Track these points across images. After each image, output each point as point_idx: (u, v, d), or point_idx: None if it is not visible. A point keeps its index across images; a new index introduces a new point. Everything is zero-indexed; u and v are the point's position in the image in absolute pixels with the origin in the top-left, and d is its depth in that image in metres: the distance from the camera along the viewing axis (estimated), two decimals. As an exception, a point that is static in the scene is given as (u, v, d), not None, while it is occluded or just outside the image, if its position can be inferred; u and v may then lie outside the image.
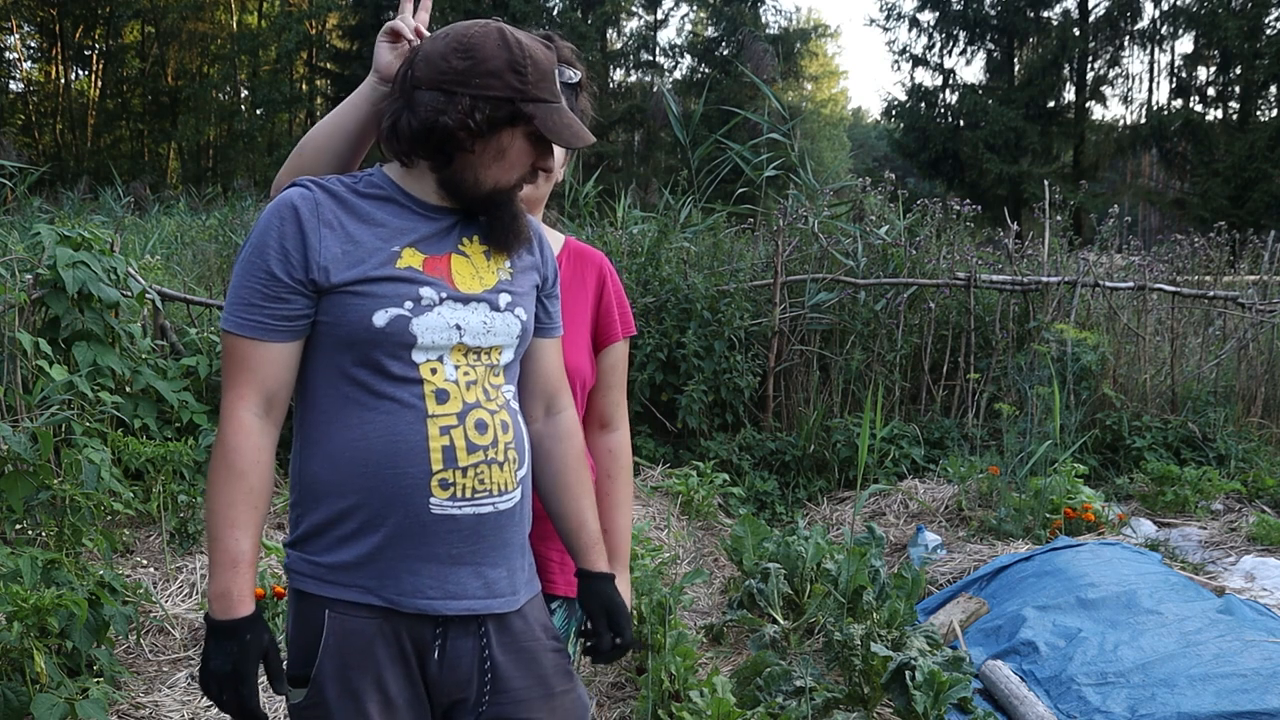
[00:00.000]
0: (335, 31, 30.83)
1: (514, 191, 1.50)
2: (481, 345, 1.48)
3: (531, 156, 1.48)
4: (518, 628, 1.52)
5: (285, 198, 1.43)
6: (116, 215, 9.84)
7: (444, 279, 1.46)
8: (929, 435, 6.15)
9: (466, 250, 1.51)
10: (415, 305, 1.42)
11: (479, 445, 1.44)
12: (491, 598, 1.47)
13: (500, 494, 1.46)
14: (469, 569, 1.45)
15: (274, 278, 1.39)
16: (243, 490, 1.39)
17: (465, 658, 1.47)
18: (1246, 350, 7.05)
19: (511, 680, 1.50)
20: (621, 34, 31.09)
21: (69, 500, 3.34)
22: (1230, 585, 4.00)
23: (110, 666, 3.01)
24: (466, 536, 1.44)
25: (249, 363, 1.41)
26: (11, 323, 3.95)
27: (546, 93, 1.44)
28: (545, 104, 1.43)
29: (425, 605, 1.43)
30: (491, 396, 1.48)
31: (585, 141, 1.48)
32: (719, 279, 6.24)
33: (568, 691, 1.56)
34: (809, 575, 3.86)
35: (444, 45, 1.43)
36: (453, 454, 1.42)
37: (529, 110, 1.42)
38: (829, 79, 42.01)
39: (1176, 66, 26.36)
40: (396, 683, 1.45)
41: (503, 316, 1.50)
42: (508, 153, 1.45)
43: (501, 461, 1.46)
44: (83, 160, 28.09)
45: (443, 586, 1.44)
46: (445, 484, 1.42)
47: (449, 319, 1.45)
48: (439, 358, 1.44)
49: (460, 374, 1.45)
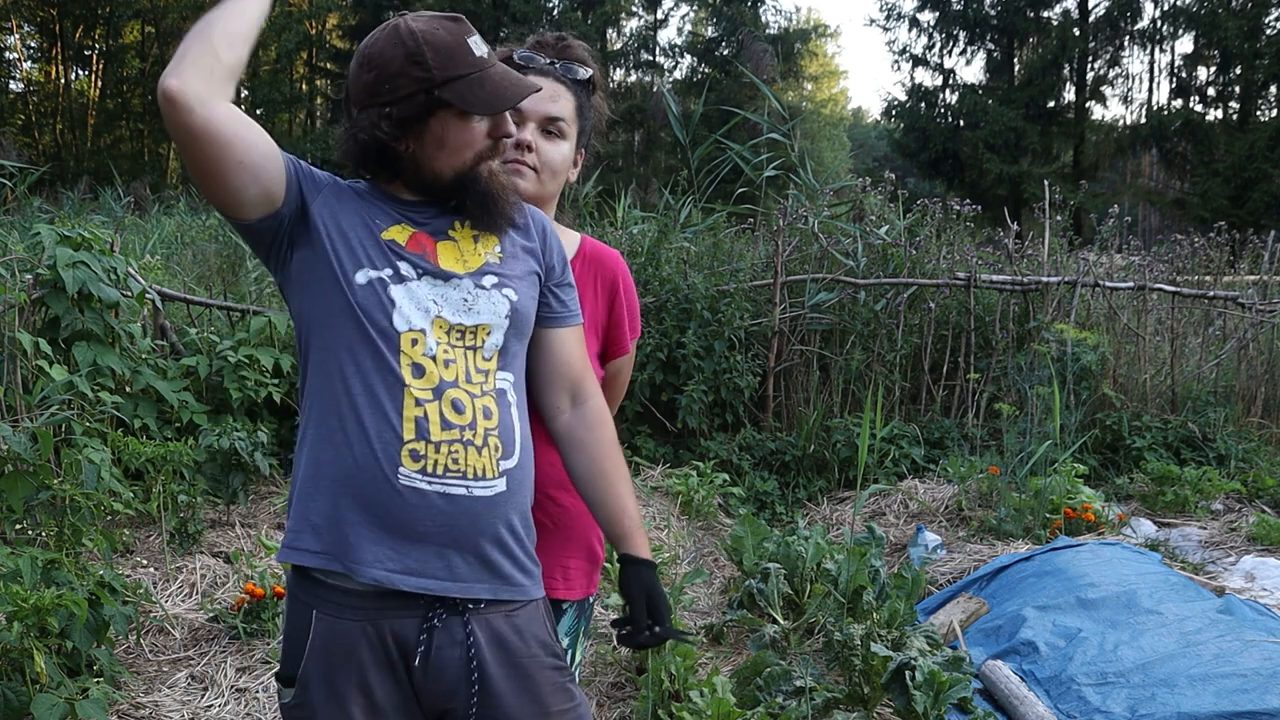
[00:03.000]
0: (335, 31, 30.83)
1: (477, 171, 1.47)
2: (464, 323, 1.46)
3: (476, 132, 1.46)
4: (511, 643, 1.48)
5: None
6: (116, 215, 9.82)
7: (425, 256, 1.47)
8: (929, 435, 6.15)
9: (455, 235, 1.52)
10: (394, 274, 1.44)
11: (454, 424, 1.42)
12: (452, 581, 1.42)
13: (476, 478, 1.43)
14: (432, 549, 1.42)
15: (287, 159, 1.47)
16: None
17: (451, 665, 1.44)
18: (1246, 350, 7.04)
19: (504, 698, 1.46)
20: (621, 34, 31.11)
21: (69, 500, 3.34)
22: (1230, 585, 4.00)
23: (110, 666, 3.01)
24: (435, 515, 1.41)
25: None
26: (11, 323, 3.95)
27: (456, 69, 1.43)
28: (459, 80, 1.43)
29: (382, 576, 1.39)
30: (475, 380, 1.46)
31: (515, 98, 1.45)
32: (719, 279, 6.24)
33: (566, 711, 1.51)
34: (809, 575, 3.86)
35: (355, 64, 1.48)
36: (425, 427, 1.41)
37: (441, 95, 1.42)
38: (829, 79, 41.99)
39: (1176, 66, 26.36)
40: (383, 687, 1.43)
41: (487, 294, 1.48)
42: (447, 138, 1.45)
43: (480, 445, 1.43)
44: (83, 160, 28.06)
45: (401, 560, 1.40)
46: (416, 455, 1.40)
47: (428, 293, 1.45)
48: (421, 329, 1.44)
49: (440, 350, 1.44)
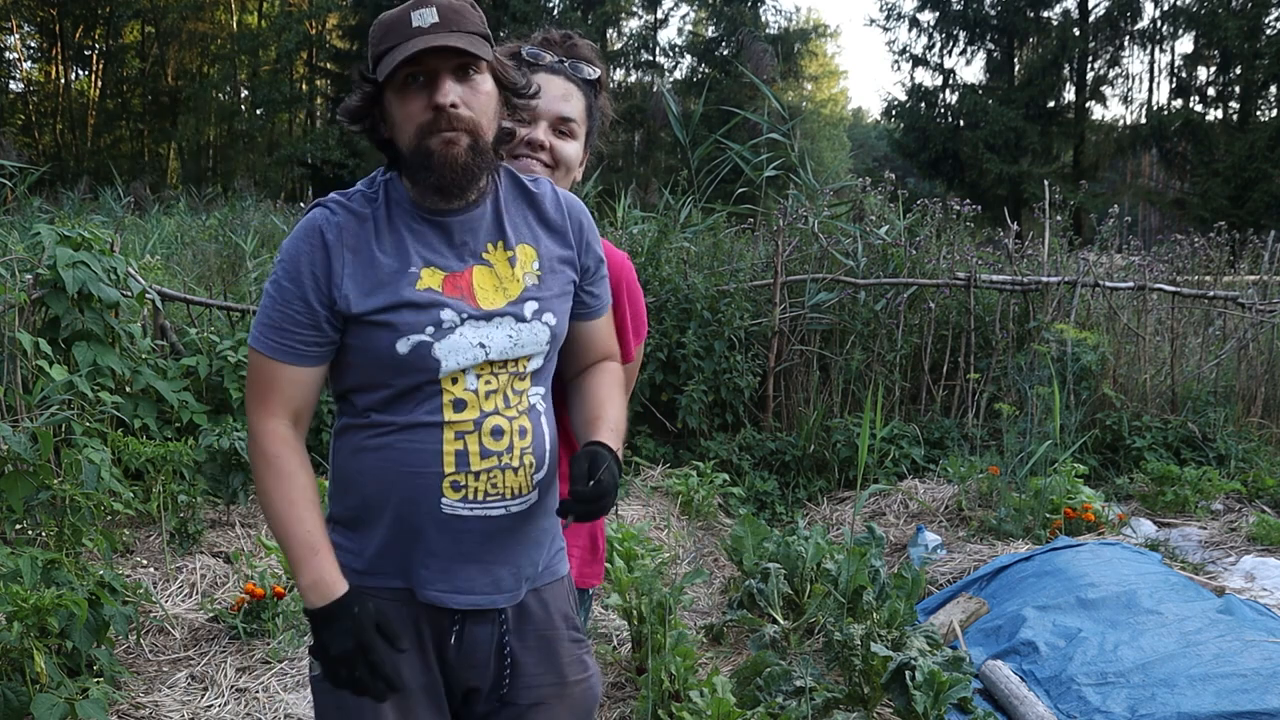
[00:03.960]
0: (335, 31, 30.82)
1: (424, 145, 1.43)
2: (509, 358, 1.48)
3: (413, 105, 1.44)
4: (538, 616, 1.55)
5: (313, 222, 1.46)
6: (116, 215, 9.83)
7: (464, 298, 1.46)
8: (929, 435, 6.15)
9: (490, 259, 1.50)
10: (436, 329, 1.43)
11: (493, 451, 1.46)
12: (498, 593, 1.50)
13: (513, 498, 1.48)
14: (477, 566, 1.47)
15: (308, 305, 1.44)
16: (297, 487, 1.44)
17: (483, 645, 1.51)
18: (1246, 350, 7.04)
19: (528, 668, 1.54)
20: (621, 34, 31.11)
21: (69, 500, 3.34)
22: (1230, 585, 4.00)
23: (110, 666, 3.01)
24: (475, 537, 1.47)
25: (278, 384, 1.46)
26: (11, 323, 3.95)
27: (390, 41, 1.43)
28: (387, 53, 1.43)
29: (434, 597, 1.47)
30: (512, 403, 1.48)
31: (412, 50, 1.39)
32: (719, 279, 6.24)
33: (580, 681, 1.59)
34: (809, 575, 3.86)
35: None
36: (465, 459, 1.44)
37: (374, 73, 1.44)
38: (829, 79, 41.99)
39: (1176, 66, 26.37)
40: (411, 668, 1.47)
41: (530, 327, 1.49)
42: (394, 115, 1.46)
43: (516, 467, 1.48)
44: (83, 160, 28.08)
45: (451, 582, 1.47)
46: (457, 486, 1.45)
47: (471, 339, 1.45)
48: (463, 370, 1.45)
49: (481, 383, 1.46)
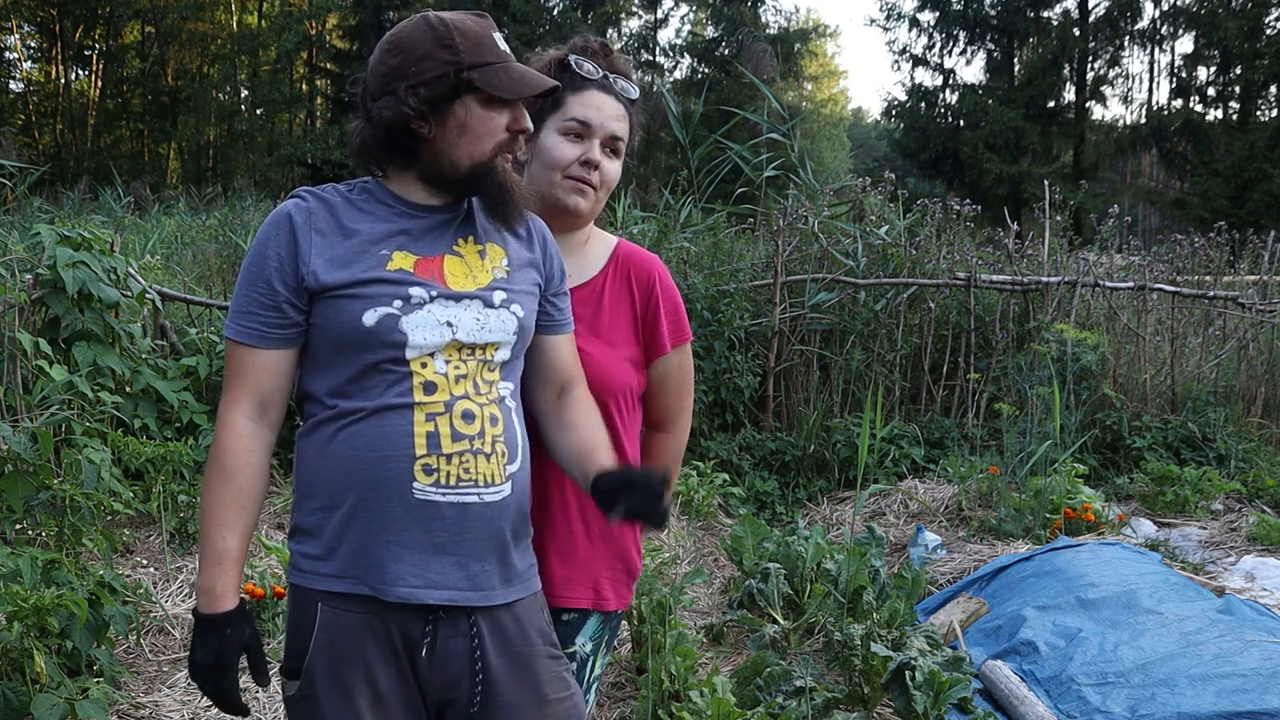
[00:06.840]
0: (335, 31, 30.82)
1: (494, 163, 1.49)
2: (476, 342, 1.48)
3: (498, 122, 1.48)
4: (511, 631, 1.51)
5: (282, 209, 1.49)
6: (116, 215, 9.83)
7: (435, 279, 1.48)
8: (929, 435, 6.15)
9: (461, 250, 1.52)
10: (405, 304, 1.44)
11: (465, 434, 1.45)
12: (473, 590, 1.46)
13: (486, 485, 1.46)
14: (451, 559, 1.45)
15: (270, 287, 1.45)
16: (232, 491, 1.44)
17: (456, 656, 1.47)
18: (1246, 350, 7.05)
19: (503, 685, 1.49)
20: (621, 34, 31.10)
21: (69, 500, 3.34)
22: (1230, 585, 4.00)
23: (110, 666, 3.00)
24: (449, 526, 1.44)
25: (244, 368, 1.47)
26: (11, 323, 3.95)
27: (484, 56, 1.46)
28: (485, 66, 1.45)
29: (408, 594, 1.43)
30: (482, 391, 1.48)
31: (537, 86, 1.47)
32: (719, 279, 6.23)
33: (562, 699, 1.54)
34: (809, 575, 3.86)
35: (379, 52, 1.50)
36: (437, 440, 1.44)
37: (468, 77, 1.44)
38: (829, 79, 42.00)
39: (1176, 66, 26.38)
40: (387, 679, 1.46)
41: (497, 313, 1.50)
42: (469, 125, 1.46)
43: (489, 453, 1.46)
44: (83, 160, 28.06)
45: (424, 575, 1.44)
46: (429, 469, 1.43)
47: (439, 316, 1.46)
48: (431, 353, 1.45)
49: (450, 368, 1.46)
